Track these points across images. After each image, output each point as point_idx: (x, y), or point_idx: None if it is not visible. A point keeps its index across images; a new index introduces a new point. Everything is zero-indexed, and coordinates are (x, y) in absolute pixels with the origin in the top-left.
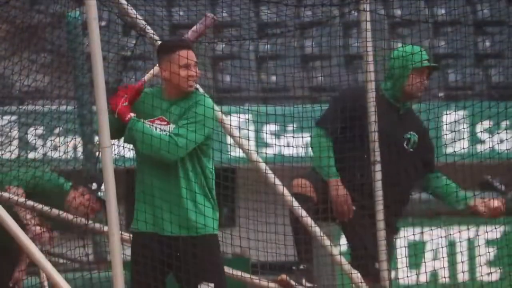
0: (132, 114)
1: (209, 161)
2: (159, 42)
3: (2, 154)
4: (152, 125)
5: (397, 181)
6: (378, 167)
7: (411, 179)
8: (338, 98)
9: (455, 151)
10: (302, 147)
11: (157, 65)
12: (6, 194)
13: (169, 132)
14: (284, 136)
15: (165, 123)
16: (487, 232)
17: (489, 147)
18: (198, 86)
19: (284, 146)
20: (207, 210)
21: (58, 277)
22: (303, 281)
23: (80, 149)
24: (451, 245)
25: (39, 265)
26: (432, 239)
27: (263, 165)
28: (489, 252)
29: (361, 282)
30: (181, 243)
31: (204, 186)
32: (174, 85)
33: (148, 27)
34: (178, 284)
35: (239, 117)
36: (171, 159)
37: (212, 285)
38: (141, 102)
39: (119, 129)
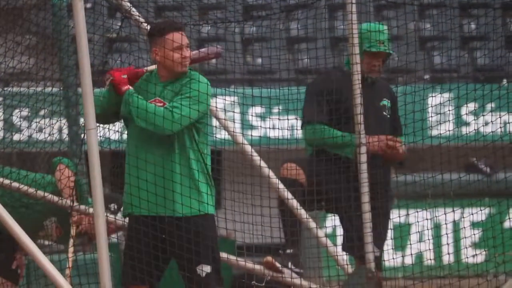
0: (129, 87)
1: (205, 138)
2: (144, 24)
3: None
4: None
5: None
6: (363, 149)
7: None
8: (310, 90)
9: (440, 134)
10: (287, 129)
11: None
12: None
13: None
14: (269, 118)
15: (161, 104)
16: (472, 214)
17: (474, 130)
18: None
19: (269, 128)
20: (204, 188)
21: (44, 258)
22: (289, 264)
23: (65, 131)
24: (436, 227)
25: (24, 245)
26: (417, 221)
27: (248, 147)
28: (474, 234)
29: (347, 264)
30: (182, 223)
31: (201, 162)
32: (168, 68)
33: (133, 9)
34: (177, 263)
35: (225, 99)
36: (166, 132)
37: (208, 267)
38: (137, 87)
39: (116, 113)
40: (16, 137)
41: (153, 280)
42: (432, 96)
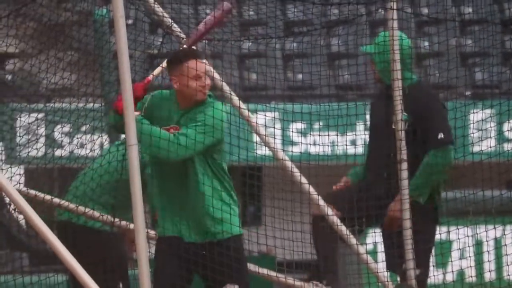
0: (136, 113)
1: (223, 163)
2: (185, 40)
3: (29, 152)
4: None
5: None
6: (404, 165)
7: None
8: (437, 99)
9: (482, 150)
10: (328, 145)
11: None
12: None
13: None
14: (310, 134)
15: (177, 131)
16: None
17: None
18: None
19: (310, 144)
20: (228, 212)
21: (85, 274)
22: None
23: (106, 146)
24: (478, 244)
25: (65, 261)
26: (458, 238)
27: (289, 163)
28: None
29: (387, 281)
30: (207, 248)
31: (221, 188)
32: (185, 96)
33: (175, 25)
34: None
35: (266, 115)
36: (172, 158)
37: (237, 286)
38: (156, 107)
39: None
40: (57, 152)
41: None
42: (473, 113)
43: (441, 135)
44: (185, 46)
